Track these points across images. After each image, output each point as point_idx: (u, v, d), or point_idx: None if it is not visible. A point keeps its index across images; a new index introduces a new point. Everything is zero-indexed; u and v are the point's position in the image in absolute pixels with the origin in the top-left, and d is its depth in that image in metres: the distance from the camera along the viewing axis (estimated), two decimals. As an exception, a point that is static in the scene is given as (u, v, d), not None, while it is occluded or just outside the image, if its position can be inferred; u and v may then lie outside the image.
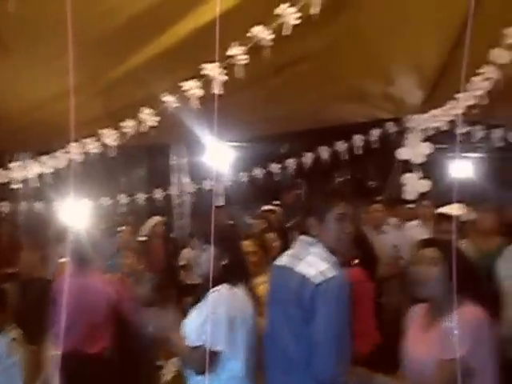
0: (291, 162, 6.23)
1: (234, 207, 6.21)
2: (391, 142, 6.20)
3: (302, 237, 2.01)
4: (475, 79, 4.20)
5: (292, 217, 4.71)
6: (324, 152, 6.12)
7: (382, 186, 7.25)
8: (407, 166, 6.09)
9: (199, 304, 2.07)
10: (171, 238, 6.07)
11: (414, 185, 5.76)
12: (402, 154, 6.04)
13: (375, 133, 6.03)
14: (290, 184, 6.52)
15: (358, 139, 6.06)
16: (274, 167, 6.36)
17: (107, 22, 3.03)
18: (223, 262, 2.11)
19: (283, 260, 2.06)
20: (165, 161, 7.11)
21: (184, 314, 2.23)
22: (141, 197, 6.18)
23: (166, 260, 4.99)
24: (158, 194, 6.32)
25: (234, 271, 2.13)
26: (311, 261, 1.87)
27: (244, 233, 3.46)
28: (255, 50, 3.10)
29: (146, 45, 3.38)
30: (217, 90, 3.07)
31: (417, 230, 4.21)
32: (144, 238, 4.71)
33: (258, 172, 6.27)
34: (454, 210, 3.17)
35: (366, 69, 4.62)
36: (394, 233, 4.54)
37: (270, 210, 5.06)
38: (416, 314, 2.04)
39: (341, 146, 6.10)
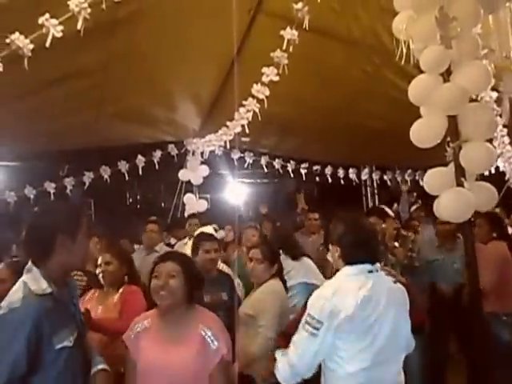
0: (69, 181, 5.87)
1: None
2: (175, 164, 6.44)
3: None
4: (241, 110, 4.66)
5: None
6: (106, 172, 5.95)
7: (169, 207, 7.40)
8: (188, 187, 6.41)
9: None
10: None
11: (192, 204, 6.08)
12: (184, 175, 6.33)
13: (158, 154, 6.17)
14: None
15: (141, 160, 6.10)
16: (51, 186, 5.89)
17: None
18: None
19: None
20: None
21: None
22: None
23: None
24: None
25: None
26: None
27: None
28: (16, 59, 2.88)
29: None
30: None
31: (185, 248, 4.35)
32: None
33: (30, 191, 5.69)
34: (210, 229, 3.43)
35: (145, 91, 4.71)
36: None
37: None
38: (149, 325, 2.00)
39: (123, 166, 6.04)
